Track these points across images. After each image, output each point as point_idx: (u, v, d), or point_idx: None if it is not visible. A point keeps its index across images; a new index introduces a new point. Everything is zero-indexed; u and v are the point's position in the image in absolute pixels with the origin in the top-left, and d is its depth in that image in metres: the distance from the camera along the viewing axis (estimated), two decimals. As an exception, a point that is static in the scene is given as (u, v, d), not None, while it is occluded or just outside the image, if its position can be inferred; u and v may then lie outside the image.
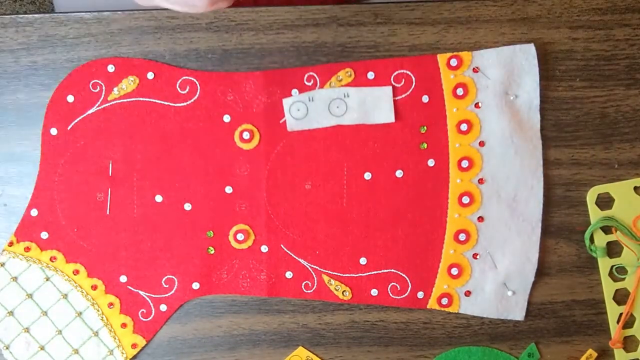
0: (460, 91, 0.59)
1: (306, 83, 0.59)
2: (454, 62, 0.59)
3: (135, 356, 0.62)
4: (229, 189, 0.60)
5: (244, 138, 0.60)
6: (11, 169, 0.60)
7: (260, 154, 0.60)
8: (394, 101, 0.59)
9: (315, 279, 0.61)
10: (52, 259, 0.60)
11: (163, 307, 0.61)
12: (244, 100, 0.59)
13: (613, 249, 0.61)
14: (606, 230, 0.61)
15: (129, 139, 0.60)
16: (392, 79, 0.59)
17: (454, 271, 0.60)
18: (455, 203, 0.60)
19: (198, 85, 0.59)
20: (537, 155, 0.60)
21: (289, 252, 0.60)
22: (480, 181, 0.59)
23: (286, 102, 0.59)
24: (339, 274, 0.61)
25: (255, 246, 0.60)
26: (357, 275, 0.61)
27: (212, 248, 0.60)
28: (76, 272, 0.60)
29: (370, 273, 0.61)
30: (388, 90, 0.59)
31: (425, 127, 0.59)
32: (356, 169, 0.60)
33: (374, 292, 0.61)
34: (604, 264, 0.61)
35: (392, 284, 0.61)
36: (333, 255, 0.60)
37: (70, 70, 0.59)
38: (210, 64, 0.60)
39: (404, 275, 0.60)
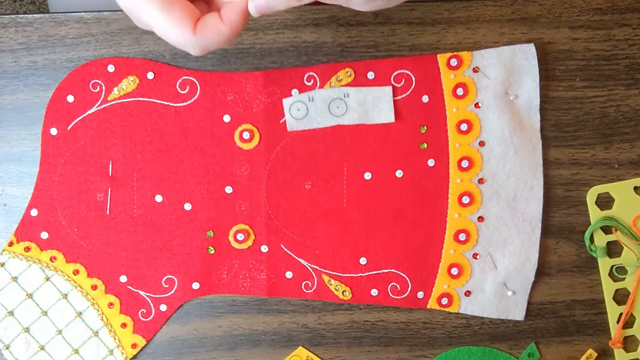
0: (460, 91, 0.59)
1: (306, 83, 0.59)
2: (454, 62, 0.59)
3: (135, 356, 0.62)
4: (229, 189, 0.60)
5: (244, 138, 0.60)
6: (11, 169, 0.60)
7: (260, 154, 0.60)
8: (394, 101, 0.59)
9: (315, 279, 0.61)
10: (52, 259, 0.60)
11: (163, 307, 0.61)
12: (244, 100, 0.59)
13: (613, 249, 0.61)
14: (606, 230, 0.61)
15: (129, 139, 0.60)
16: (392, 79, 0.59)
17: (454, 271, 0.60)
18: (455, 203, 0.60)
19: (198, 85, 0.59)
20: (537, 155, 0.60)
21: (289, 252, 0.60)
22: (480, 181, 0.59)
23: (286, 102, 0.59)
24: (339, 274, 0.61)
25: (255, 246, 0.60)
26: (357, 275, 0.61)
27: (212, 248, 0.60)
28: (76, 272, 0.60)
29: (370, 273, 0.61)
30: (388, 90, 0.59)
31: (425, 127, 0.59)
32: (356, 169, 0.60)
33: (374, 292, 0.61)
34: (604, 264, 0.61)
35: (392, 284, 0.61)
36: (333, 255, 0.60)
37: (70, 70, 0.59)
38: (210, 64, 0.60)
39: (404, 275, 0.60)
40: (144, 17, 0.43)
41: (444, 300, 0.61)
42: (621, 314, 0.61)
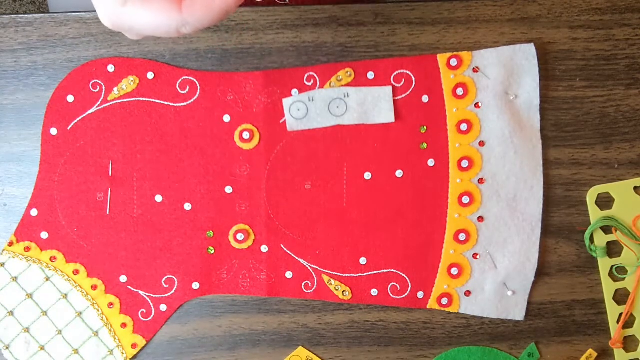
0: (460, 91, 0.59)
1: (306, 83, 0.59)
2: (454, 62, 0.59)
3: (135, 356, 0.62)
4: (229, 189, 0.60)
5: (244, 138, 0.60)
6: (11, 169, 0.60)
7: (260, 154, 0.60)
8: (394, 101, 0.59)
9: (315, 279, 0.61)
10: (52, 259, 0.60)
11: (163, 307, 0.61)
12: (244, 100, 0.59)
13: (613, 249, 0.61)
14: (606, 230, 0.61)
15: (129, 139, 0.60)
16: (392, 79, 0.59)
17: (454, 271, 0.60)
18: (455, 203, 0.60)
19: (198, 85, 0.59)
20: (537, 155, 0.60)
21: (289, 252, 0.60)
22: (480, 181, 0.59)
23: (286, 102, 0.59)
24: (339, 274, 0.61)
25: (255, 246, 0.60)
26: (357, 275, 0.61)
27: (212, 248, 0.60)
28: (76, 272, 0.60)
29: (370, 273, 0.61)
30: (388, 90, 0.59)
31: (425, 127, 0.59)
32: (356, 169, 0.60)
33: (374, 292, 0.61)
34: (604, 264, 0.61)
35: (392, 284, 0.61)
36: (333, 255, 0.60)
37: (70, 70, 0.59)
38: (210, 63, 0.60)
39: (404, 275, 0.60)
40: (131, 20, 0.42)
41: (444, 300, 0.61)
42: (621, 314, 0.61)
